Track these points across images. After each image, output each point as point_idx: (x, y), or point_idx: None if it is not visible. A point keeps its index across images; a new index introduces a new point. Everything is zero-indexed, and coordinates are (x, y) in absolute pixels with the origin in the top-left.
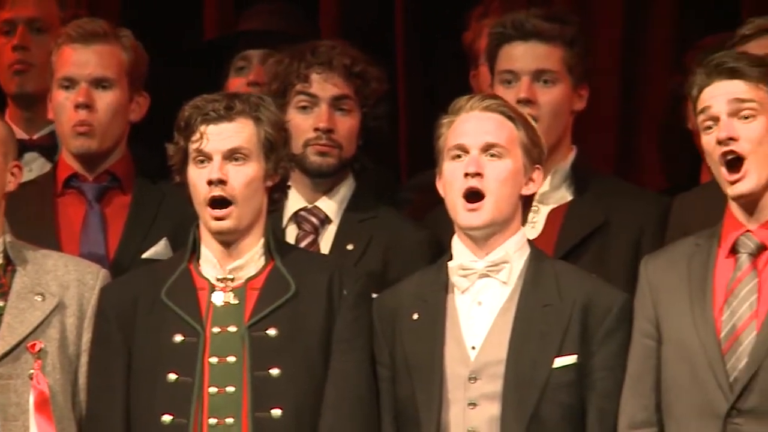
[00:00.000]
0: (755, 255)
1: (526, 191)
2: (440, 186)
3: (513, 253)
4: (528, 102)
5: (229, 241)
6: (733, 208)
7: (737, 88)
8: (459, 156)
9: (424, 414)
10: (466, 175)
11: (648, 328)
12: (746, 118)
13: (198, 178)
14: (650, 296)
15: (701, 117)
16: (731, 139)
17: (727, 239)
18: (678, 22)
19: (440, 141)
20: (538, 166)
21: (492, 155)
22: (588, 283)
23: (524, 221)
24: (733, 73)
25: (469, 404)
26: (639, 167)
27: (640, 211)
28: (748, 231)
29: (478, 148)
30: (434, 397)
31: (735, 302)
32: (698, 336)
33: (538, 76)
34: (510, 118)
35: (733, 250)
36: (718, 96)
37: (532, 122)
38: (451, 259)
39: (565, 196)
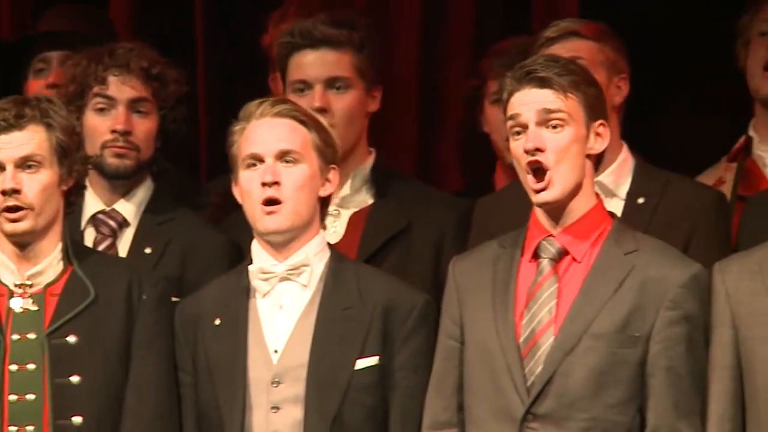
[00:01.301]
0: (556, 260)
1: (323, 192)
2: (237, 192)
3: (313, 256)
4: (322, 111)
5: (24, 243)
6: (538, 212)
7: (546, 97)
8: (254, 165)
9: (227, 418)
10: (263, 184)
11: (452, 329)
12: (554, 127)
13: None
14: (456, 297)
15: (510, 123)
16: (538, 149)
17: (530, 243)
18: (475, 25)
19: (234, 148)
20: (333, 166)
21: (287, 161)
22: (389, 286)
23: (323, 221)
24: (542, 82)
25: (272, 408)
26: (438, 169)
27: (441, 214)
28: (550, 236)
29: (273, 155)
30: (237, 402)
31: (535, 307)
32: (498, 339)
33: (331, 83)
34: (302, 121)
35: (536, 255)
36: (528, 104)
37: (324, 122)
38: (251, 263)
39: (366, 199)
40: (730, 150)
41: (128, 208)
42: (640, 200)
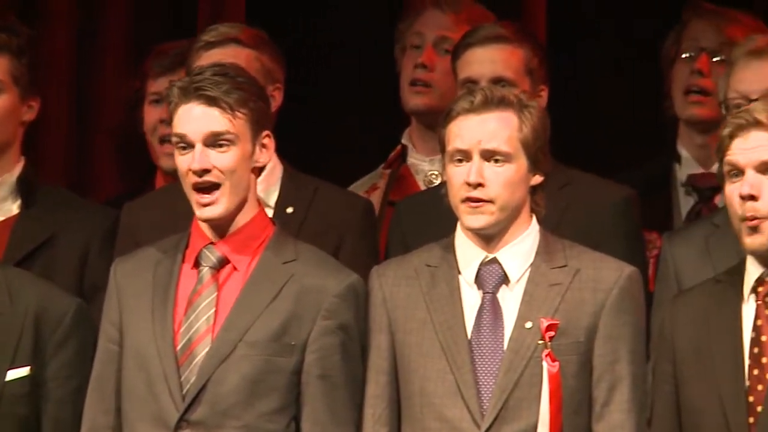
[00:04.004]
0: (217, 268)
1: None
2: None
3: None
4: None
5: None
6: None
7: (213, 118)
8: None
9: None
10: None
11: (112, 333)
12: (221, 146)
13: None
14: (117, 300)
15: (176, 139)
16: (205, 170)
17: (192, 251)
18: (133, 26)
19: None
20: None
21: None
22: (40, 290)
23: None
24: (210, 101)
25: None
26: (94, 174)
27: (87, 224)
28: (211, 243)
29: None
30: None
31: (193, 315)
32: (156, 346)
33: None
34: None
35: (197, 263)
36: (194, 123)
37: None
38: None
39: (12, 209)
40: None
41: None
42: (289, 210)
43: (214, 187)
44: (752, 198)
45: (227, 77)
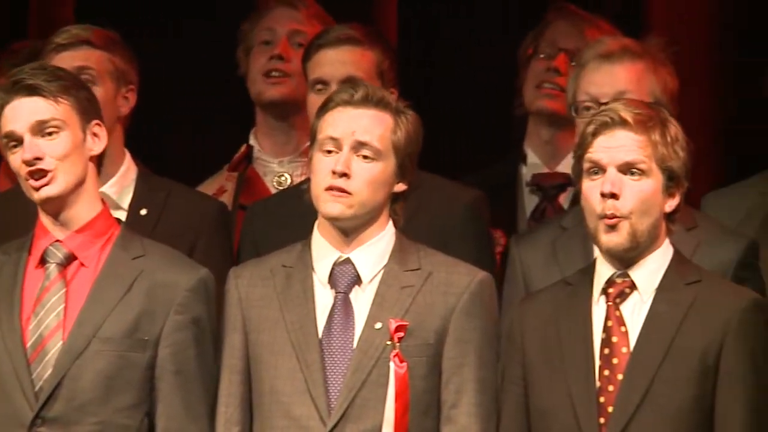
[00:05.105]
0: (64, 265)
1: None
2: None
3: None
4: None
5: None
6: (44, 218)
7: (38, 106)
8: None
9: None
10: None
11: None
12: (50, 134)
13: None
14: None
15: (5, 140)
16: (37, 158)
17: (37, 248)
18: None
19: None
20: None
21: None
22: None
23: None
24: (32, 90)
25: None
26: None
27: None
28: (57, 241)
29: None
30: None
31: (42, 312)
32: (5, 344)
33: None
34: None
35: (43, 260)
36: (21, 116)
37: None
38: None
39: None
40: (232, 158)
41: None
42: (143, 211)
43: (48, 172)
44: (613, 196)
45: (45, 69)
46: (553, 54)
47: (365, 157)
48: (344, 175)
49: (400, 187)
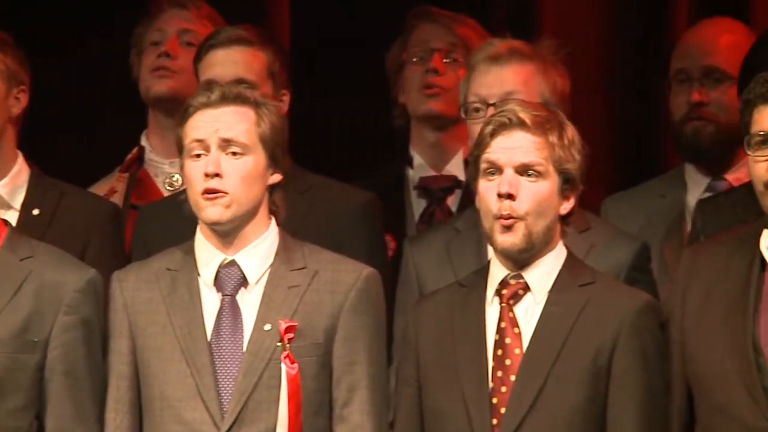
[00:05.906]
0: None
1: None
2: None
3: None
4: None
5: None
6: None
7: None
8: None
9: None
10: None
11: None
12: None
13: None
14: None
15: None
16: None
17: None
18: None
19: None
20: None
21: None
22: None
23: None
24: None
25: None
26: None
27: None
28: None
29: None
30: None
31: None
32: None
33: None
34: None
35: None
36: None
37: None
38: None
39: None
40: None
41: None
42: (35, 212)
43: None
44: (510, 197)
45: None
46: (427, 56)
47: (234, 153)
48: (216, 175)
49: (276, 178)
